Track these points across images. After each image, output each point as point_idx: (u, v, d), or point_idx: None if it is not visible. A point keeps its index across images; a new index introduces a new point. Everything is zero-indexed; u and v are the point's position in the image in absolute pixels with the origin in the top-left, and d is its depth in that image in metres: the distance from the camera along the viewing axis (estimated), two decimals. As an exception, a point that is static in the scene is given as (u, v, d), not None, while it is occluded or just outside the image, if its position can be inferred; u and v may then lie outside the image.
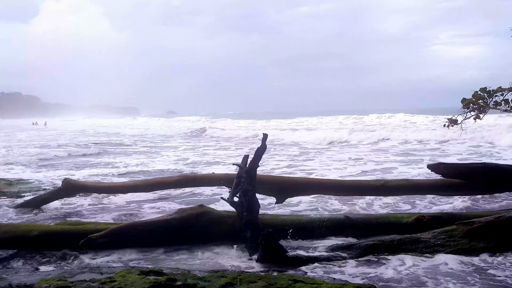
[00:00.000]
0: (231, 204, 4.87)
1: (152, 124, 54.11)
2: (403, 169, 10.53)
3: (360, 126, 31.87)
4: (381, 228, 4.98)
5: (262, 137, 4.90)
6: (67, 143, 22.16)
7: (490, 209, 6.18)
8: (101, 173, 10.81)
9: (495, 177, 5.55)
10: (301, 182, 6.45)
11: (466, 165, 6.45)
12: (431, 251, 4.36)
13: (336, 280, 3.78)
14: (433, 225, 4.81)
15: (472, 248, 4.35)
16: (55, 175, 10.48)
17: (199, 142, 22.58)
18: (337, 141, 19.42)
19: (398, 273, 3.92)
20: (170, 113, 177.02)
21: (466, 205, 6.52)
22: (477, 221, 4.52)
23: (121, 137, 27.75)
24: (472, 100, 5.46)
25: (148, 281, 3.49)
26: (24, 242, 4.81)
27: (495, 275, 3.85)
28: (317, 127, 33.04)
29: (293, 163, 12.42)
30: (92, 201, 7.41)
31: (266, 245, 4.27)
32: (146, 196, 7.59)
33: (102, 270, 3.91)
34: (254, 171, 4.85)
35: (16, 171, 11.53)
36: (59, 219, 6.14)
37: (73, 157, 15.11)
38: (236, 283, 3.48)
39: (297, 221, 5.20)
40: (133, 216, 6.38)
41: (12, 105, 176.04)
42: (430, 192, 6.31)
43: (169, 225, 4.96)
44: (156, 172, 11.02)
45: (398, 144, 17.47)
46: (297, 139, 21.38)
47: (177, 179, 6.83)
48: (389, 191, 6.13)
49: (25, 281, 3.63)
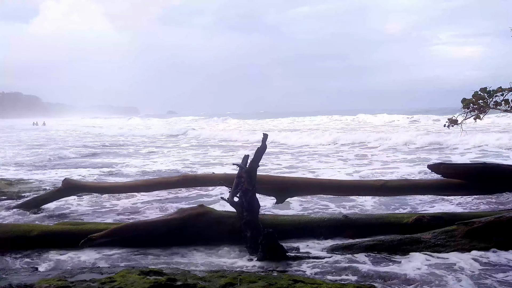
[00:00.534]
0: (231, 204, 4.87)
1: (144, 124, 54.45)
2: (406, 169, 10.50)
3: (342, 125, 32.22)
4: (381, 228, 4.97)
5: (262, 137, 4.91)
6: (59, 143, 22.05)
7: (490, 209, 6.18)
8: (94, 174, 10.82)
9: (495, 177, 5.55)
10: (301, 182, 6.45)
11: (466, 165, 6.45)
12: (431, 251, 4.36)
13: (336, 280, 3.79)
14: (433, 225, 4.80)
15: (473, 248, 4.34)
16: (55, 175, 10.49)
17: (166, 144, 21.73)
18: (308, 145, 18.60)
19: (398, 273, 3.92)
20: (170, 113, 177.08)
21: (466, 205, 6.52)
22: (477, 221, 4.52)
23: (96, 138, 27.49)
24: (472, 100, 5.45)
25: (148, 281, 3.49)
26: (25, 242, 4.82)
27: (495, 275, 3.85)
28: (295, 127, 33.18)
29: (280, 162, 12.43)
30: (92, 201, 7.41)
31: (266, 245, 4.28)
32: (146, 195, 7.60)
33: (102, 270, 3.92)
34: (254, 171, 4.85)
35: (16, 171, 11.54)
36: (59, 219, 6.14)
37: (71, 158, 15.12)
38: (236, 283, 3.48)
39: (297, 221, 5.20)
40: (133, 216, 6.38)
41: (13, 105, 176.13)
42: (430, 192, 6.30)
43: (169, 225, 4.96)
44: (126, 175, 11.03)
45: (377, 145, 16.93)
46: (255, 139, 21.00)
47: (177, 179, 6.83)
48: (389, 191, 6.12)
49: (25, 281, 3.63)
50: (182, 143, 21.54)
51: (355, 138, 19.32)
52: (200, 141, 22.73)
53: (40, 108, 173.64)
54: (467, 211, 6.09)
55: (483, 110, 5.51)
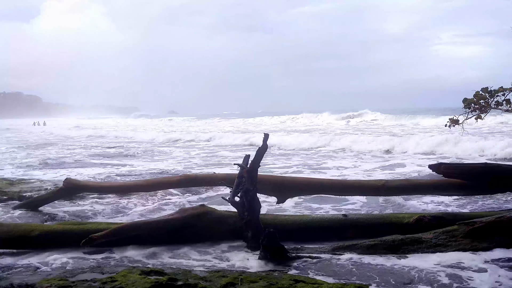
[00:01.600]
0: (232, 204, 4.87)
1: (136, 124, 54.72)
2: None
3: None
4: (382, 228, 4.97)
5: (263, 137, 4.91)
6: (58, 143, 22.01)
7: (491, 209, 6.17)
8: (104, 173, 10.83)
9: (496, 177, 5.54)
10: (302, 182, 6.45)
11: (467, 165, 6.44)
12: (432, 251, 4.36)
13: (337, 280, 3.79)
14: (434, 225, 4.80)
15: (474, 248, 4.34)
16: (56, 175, 10.49)
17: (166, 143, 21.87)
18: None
19: (400, 273, 3.92)
20: (171, 113, 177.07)
21: (467, 205, 6.52)
22: (478, 221, 4.52)
23: (96, 138, 27.35)
24: (474, 100, 5.45)
25: (149, 281, 3.49)
26: (26, 242, 4.82)
27: (496, 275, 3.84)
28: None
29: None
30: (93, 201, 7.40)
31: (267, 245, 4.27)
32: (148, 195, 7.59)
33: (103, 269, 3.92)
34: (255, 171, 4.85)
35: (16, 171, 11.55)
36: (61, 219, 6.15)
37: (71, 158, 15.13)
38: (237, 283, 3.48)
39: (298, 221, 5.20)
40: (134, 216, 6.38)
41: (13, 105, 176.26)
42: (431, 192, 6.30)
43: (170, 224, 4.96)
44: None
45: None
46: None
47: (178, 179, 6.83)
48: (390, 191, 6.12)
49: (26, 280, 3.64)
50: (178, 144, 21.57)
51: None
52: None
53: (40, 108, 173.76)
54: (468, 211, 6.09)
55: (484, 110, 5.50)
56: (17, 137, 30.08)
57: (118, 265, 4.24)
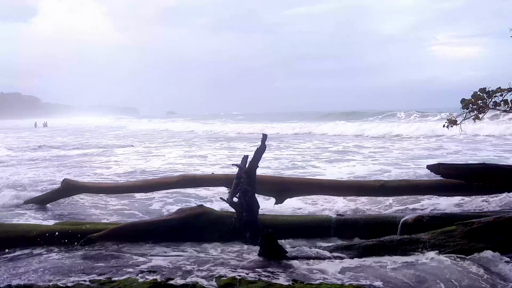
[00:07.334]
0: (230, 205, 4.87)
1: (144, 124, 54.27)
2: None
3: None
4: (381, 228, 4.97)
5: (262, 137, 4.91)
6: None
7: (489, 209, 6.17)
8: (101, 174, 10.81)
9: (494, 177, 5.54)
10: (300, 182, 6.45)
11: (465, 165, 6.43)
12: (430, 251, 4.35)
13: (335, 280, 3.78)
14: (433, 226, 4.79)
15: (472, 248, 4.33)
16: (56, 175, 10.48)
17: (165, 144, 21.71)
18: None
19: (398, 273, 3.92)
20: (170, 114, 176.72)
21: (465, 205, 6.51)
22: (476, 221, 4.52)
23: (96, 139, 27.21)
24: (472, 101, 5.44)
25: (147, 282, 3.50)
26: (24, 242, 4.81)
27: (495, 275, 3.85)
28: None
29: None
30: (91, 201, 7.40)
31: (266, 245, 4.27)
32: (146, 195, 7.58)
33: (101, 270, 3.92)
34: (254, 171, 4.85)
35: (16, 170, 11.53)
36: (59, 219, 6.14)
37: (71, 158, 15.11)
38: (236, 284, 3.48)
39: (297, 221, 5.20)
40: (132, 216, 6.37)
41: (12, 106, 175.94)
42: (429, 192, 6.31)
43: (168, 225, 4.96)
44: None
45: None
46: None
47: (177, 180, 6.82)
48: (389, 192, 6.13)
49: (24, 281, 3.64)
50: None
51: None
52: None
53: (39, 109, 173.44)
54: (466, 211, 6.08)
55: (482, 110, 5.50)
56: (17, 137, 29.93)
57: (117, 266, 4.23)
